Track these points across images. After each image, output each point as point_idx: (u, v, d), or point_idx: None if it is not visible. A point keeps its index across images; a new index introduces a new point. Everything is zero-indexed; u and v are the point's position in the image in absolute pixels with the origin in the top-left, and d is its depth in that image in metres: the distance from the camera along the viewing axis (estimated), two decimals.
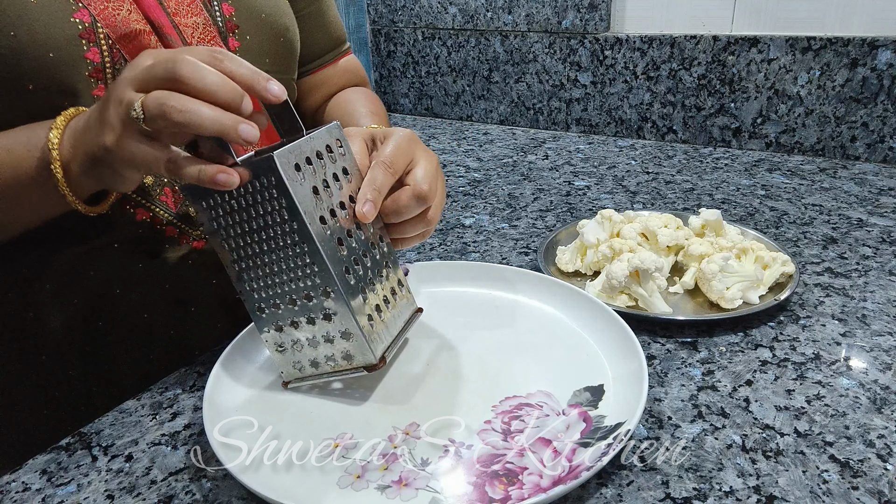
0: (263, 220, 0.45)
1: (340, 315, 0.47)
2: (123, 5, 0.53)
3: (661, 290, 0.63)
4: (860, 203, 0.89)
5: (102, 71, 0.52)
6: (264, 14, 0.64)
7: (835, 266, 0.71)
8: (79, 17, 0.51)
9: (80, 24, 0.51)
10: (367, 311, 0.49)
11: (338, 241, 0.47)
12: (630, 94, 1.25)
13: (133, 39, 0.53)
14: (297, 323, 0.49)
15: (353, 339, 0.48)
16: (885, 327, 0.60)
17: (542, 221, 0.88)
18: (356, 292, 0.48)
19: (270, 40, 0.65)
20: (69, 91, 0.51)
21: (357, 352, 0.48)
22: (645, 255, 0.62)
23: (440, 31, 1.44)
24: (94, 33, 0.51)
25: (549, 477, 0.42)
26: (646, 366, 0.49)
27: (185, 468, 0.46)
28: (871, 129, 1.05)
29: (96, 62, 0.52)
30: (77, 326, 0.59)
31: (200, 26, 0.58)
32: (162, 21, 0.55)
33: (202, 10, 0.58)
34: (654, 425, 0.49)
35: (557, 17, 1.27)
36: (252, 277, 0.48)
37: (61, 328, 0.59)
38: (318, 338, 0.49)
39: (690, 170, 1.07)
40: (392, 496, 0.42)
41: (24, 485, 0.46)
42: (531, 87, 1.36)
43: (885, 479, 0.43)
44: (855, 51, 1.02)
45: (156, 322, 0.61)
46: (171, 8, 0.56)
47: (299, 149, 0.45)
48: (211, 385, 0.50)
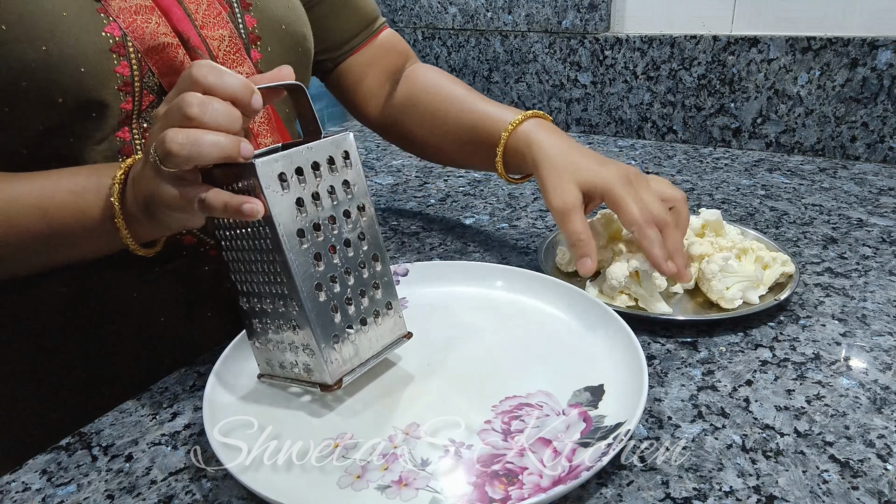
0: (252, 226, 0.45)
1: (303, 330, 0.47)
2: (152, 17, 0.53)
3: (660, 290, 0.63)
4: (860, 203, 0.89)
5: (131, 84, 0.52)
6: (284, 25, 0.64)
7: (835, 266, 0.71)
8: (109, 31, 0.51)
9: (111, 39, 0.51)
10: (335, 332, 0.47)
11: (315, 256, 0.46)
12: (630, 94, 1.25)
13: (160, 52, 0.53)
14: (269, 324, 0.49)
15: (313, 355, 0.48)
16: (885, 327, 0.60)
17: (542, 221, 0.88)
18: (325, 311, 0.47)
19: (290, 49, 0.65)
20: (98, 104, 0.51)
21: (315, 368, 0.48)
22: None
23: (440, 31, 1.44)
24: (125, 47, 0.51)
25: (549, 477, 0.42)
26: (646, 366, 0.49)
27: (185, 468, 0.46)
28: (871, 129, 1.05)
29: (126, 76, 0.52)
30: (81, 328, 0.59)
31: (227, 39, 0.58)
32: (190, 34, 0.55)
33: (228, 23, 0.58)
34: (654, 425, 0.49)
35: (557, 17, 1.27)
36: (238, 270, 0.49)
37: (64, 329, 0.59)
38: (286, 344, 0.49)
39: (690, 170, 1.07)
40: (392, 496, 0.42)
41: (24, 485, 0.46)
42: (531, 87, 1.36)
43: (885, 479, 0.43)
44: (855, 51, 1.02)
45: (164, 325, 0.61)
46: (199, 20, 0.56)
47: (289, 158, 0.44)
48: (211, 385, 0.50)
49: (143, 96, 0.54)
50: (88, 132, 0.52)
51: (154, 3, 0.54)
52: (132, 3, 0.52)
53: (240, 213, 0.42)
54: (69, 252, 0.53)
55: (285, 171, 0.44)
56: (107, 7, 0.51)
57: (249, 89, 0.43)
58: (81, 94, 0.50)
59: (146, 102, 0.54)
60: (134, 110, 0.54)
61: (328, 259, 0.47)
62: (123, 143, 0.54)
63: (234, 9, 0.60)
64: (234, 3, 0.60)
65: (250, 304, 0.50)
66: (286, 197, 0.44)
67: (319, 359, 0.47)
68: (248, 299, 0.50)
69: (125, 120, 0.54)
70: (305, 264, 0.45)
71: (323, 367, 0.47)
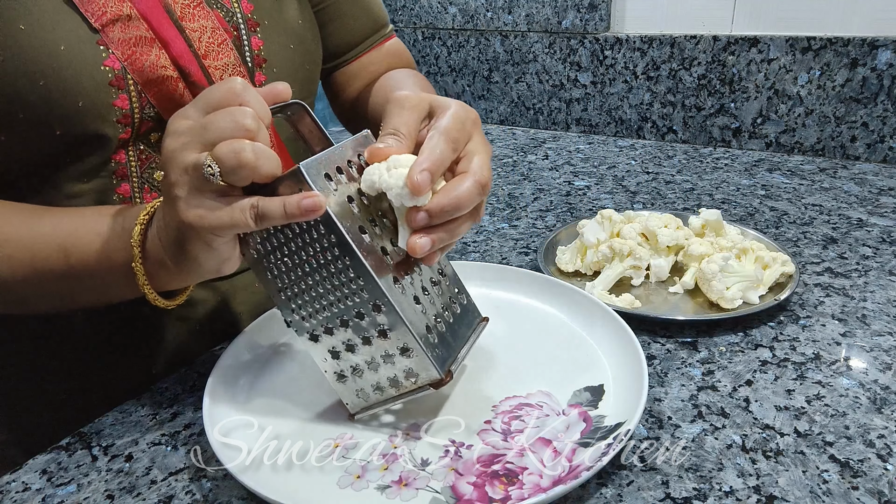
0: (302, 239, 0.43)
1: (396, 329, 0.44)
2: (152, 50, 0.51)
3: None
4: (860, 203, 0.89)
5: (131, 116, 0.51)
6: (293, 45, 0.62)
7: (835, 266, 0.71)
8: (109, 65, 0.49)
9: (111, 72, 0.50)
10: (425, 322, 0.45)
11: (381, 251, 0.44)
12: (630, 94, 1.25)
13: (160, 84, 0.52)
14: (353, 346, 0.46)
15: (413, 353, 0.44)
16: (885, 327, 0.60)
17: (542, 221, 0.88)
18: (409, 304, 0.44)
19: (298, 68, 0.63)
20: (96, 136, 0.50)
21: (420, 368, 0.45)
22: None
23: (440, 31, 1.44)
24: (124, 80, 0.50)
25: (549, 477, 0.42)
26: (646, 366, 0.49)
27: (185, 468, 0.46)
28: (871, 129, 1.05)
29: (125, 108, 0.51)
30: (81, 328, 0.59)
31: (230, 67, 0.56)
32: (190, 68, 0.53)
33: (232, 50, 0.56)
34: (654, 425, 0.49)
35: (557, 17, 1.27)
36: (300, 304, 0.46)
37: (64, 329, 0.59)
38: (377, 358, 0.46)
39: (690, 170, 1.07)
40: (392, 496, 0.42)
41: (24, 485, 0.46)
42: (531, 87, 1.36)
43: (885, 479, 0.43)
44: (855, 51, 1.02)
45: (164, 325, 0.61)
46: (202, 50, 0.54)
47: (327, 157, 0.42)
48: (211, 385, 0.50)
49: (141, 124, 0.53)
50: (86, 158, 0.52)
51: (154, 35, 0.51)
52: (132, 34, 0.50)
53: (302, 211, 0.39)
54: (90, 296, 0.50)
55: (329, 172, 0.42)
56: (106, 39, 0.49)
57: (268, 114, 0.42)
58: (79, 126, 0.49)
59: (144, 128, 0.53)
60: (131, 138, 0.53)
61: (393, 252, 0.45)
62: (119, 165, 0.53)
63: (241, 31, 0.57)
64: (240, 26, 0.57)
65: (323, 339, 0.46)
66: (338, 195, 0.42)
67: (421, 353, 0.44)
68: (320, 335, 0.46)
69: (122, 145, 0.53)
70: (377, 259, 0.43)
71: (427, 360, 0.44)
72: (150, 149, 0.54)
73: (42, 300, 0.51)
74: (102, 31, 0.49)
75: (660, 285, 0.69)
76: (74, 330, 0.59)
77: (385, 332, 0.44)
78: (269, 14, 0.60)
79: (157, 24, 0.51)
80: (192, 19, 0.54)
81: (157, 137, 0.54)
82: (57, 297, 0.50)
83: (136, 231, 0.45)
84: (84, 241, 0.47)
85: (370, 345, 0.45)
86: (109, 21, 0.49)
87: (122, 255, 0.46)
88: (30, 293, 0.50)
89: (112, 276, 0.47)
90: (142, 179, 0.55)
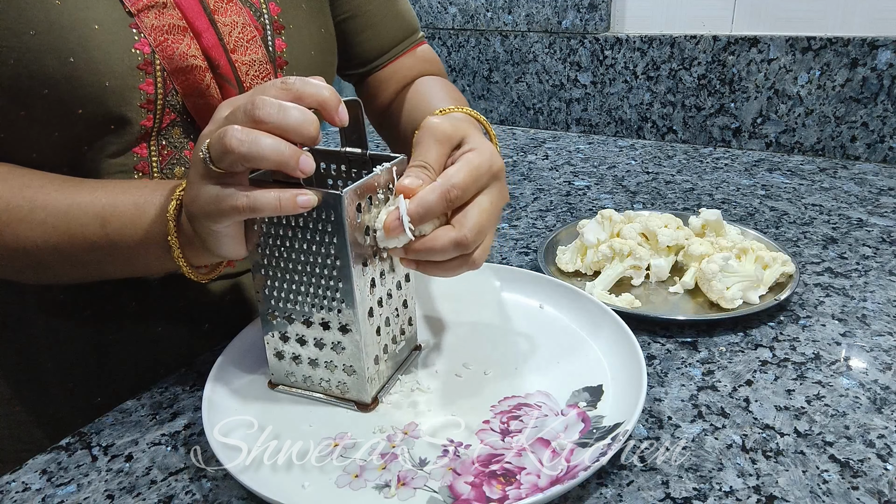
0: (307, 246, 0.45)
1: (350, 353, 0.47)
2: (184, 38, 0.52)
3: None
4: (860, 203, 0.89)
5: (154, 102, 0.52)
6: (314, 52, 0.62)
7: (835, 266, 0.71)
8: (139, 49, 0.50)
9: (140, 56, 0.50)
10: (376, 353, 0.49)
11: (371, 283, 0.47)
12: (630, 94, 1.25)
13: (188, 73, 0.52)
14: (305, 341, 0.49)
15: (354, 375, 0.48)
16: (885, 327, 0.60)
17: (542, 221, 0.88)
18: (373, 335, 0.48)
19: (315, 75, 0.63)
20: (119, 119, 0.51)
21: (355, 388, 0.49)
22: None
23: (440, 31, 1.44)
24: (152, 65, 0.51)
25: (547, 477, 0.42)
26: (645, 366, 0.49)
27: (185, 468, 0.47)
28: (871, 129, 1.05)
29: (150, 93, 0.51)
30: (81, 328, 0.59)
31: (257, 63, 0.56)
32: (220, 60, 0.54)
33: (260, 47, 0.57)
34: (654, 425, 0.49)
35: (557, 17, 1.27)
36: (275, 287, 0.48)
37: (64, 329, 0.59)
38: (321, 362, 0.49)
39: (690, 170, 1.07)
40: (390, 496, 0.42)
41: (24, 485, 0.46)
42: (531, 87, 1.36)
43: (885, 479, 0.43)
44: (855, 51, 1.02)
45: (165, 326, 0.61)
46: (231, 44, 0.55)
47: (365, 187, 0.44)
48: (211, 385, 0.50)
49: (164, 114, 0.53)
50: (105, 145, 0.52)
51: (188, 24, 0.52)
52: (165, 21, 0.51)
53: (297, 207, 0.40)
54: (119, 266, 0.51)
55: (362, 203, 0.44)
56: (139, 23, 0.50)
57: (336, 98, 0.41)
58: (103, 107, 0.49)
59: (167, 120, 0.54)
60: (154, 127, 0.53)
61: (380, 283, 0.48)
62: (140, 160, 0.54)
63: (267, 32, 0.58)
64: (266, 26, 0.58)
65: (279, 322, 0.49)
66: (359, 228, 0.44)
67: (362, 379, 0.48)
68: (280, 317, 0.49)
69: (144, 136, 0.53)
70: (365, 292, 0.46)
71: (364, 386, 0.48)
72: (171, 145, 0.55)
73: (68, 268, 0.51)
74: (137, 15, 0.50)
75: (660, 285, 0.69)
76: (75, 330, 0.59)
77: (341, 348, 0.47)
78: (294, 19, 0.60)
79: (190, 14, 0.52)
80: (225, 14, 0.54)
81: (179, 133, 0.55)
82: (85, 266, 0.50)
83: (172, 206, 0.46)
84: (122, 211, 0.48)
85: (321, 349, 0.48)
86: (145, 7, 0.50)
87: (159, 228, 0.47)
88: (57, 260, 0.50)
89: (147, 248, 0.48)
90: (163, 175, 0.55)
